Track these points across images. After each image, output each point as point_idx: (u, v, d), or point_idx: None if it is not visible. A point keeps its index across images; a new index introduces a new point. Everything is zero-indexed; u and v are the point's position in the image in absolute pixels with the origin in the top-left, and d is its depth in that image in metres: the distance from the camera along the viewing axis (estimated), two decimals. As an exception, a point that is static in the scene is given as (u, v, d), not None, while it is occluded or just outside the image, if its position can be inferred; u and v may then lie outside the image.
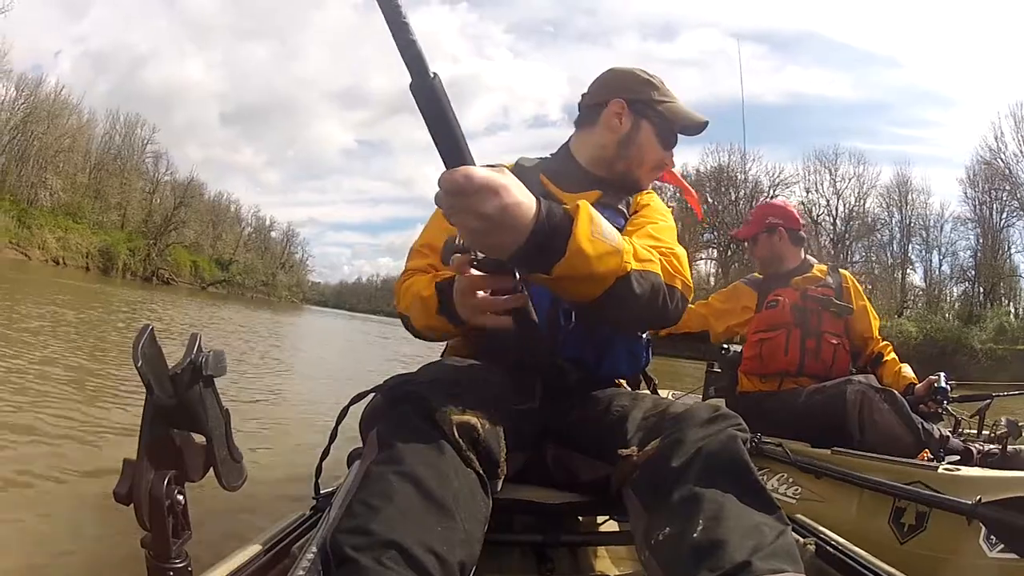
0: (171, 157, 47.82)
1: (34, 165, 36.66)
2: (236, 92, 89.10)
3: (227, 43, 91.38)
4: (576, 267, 0.80)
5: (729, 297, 2.72)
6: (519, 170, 1.25)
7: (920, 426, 2.06)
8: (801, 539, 0.94)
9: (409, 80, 0.62)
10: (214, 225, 52.16)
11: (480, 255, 0.81)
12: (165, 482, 0.63)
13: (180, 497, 0.65)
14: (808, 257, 2.68)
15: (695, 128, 1.28)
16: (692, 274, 1.09)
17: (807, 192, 36.20)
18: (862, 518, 1.83)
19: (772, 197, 35.65)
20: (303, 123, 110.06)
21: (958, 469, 1.77)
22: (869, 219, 34.90)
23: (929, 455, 1.97)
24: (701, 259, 36.73)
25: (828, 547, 0.95)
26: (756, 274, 2.77)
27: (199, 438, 0.67)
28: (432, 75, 0.62)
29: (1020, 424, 2.03)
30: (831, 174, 35.85)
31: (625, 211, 1.23)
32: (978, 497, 1.51)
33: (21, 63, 37.42)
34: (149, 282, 37.90)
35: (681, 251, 1.09)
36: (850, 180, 35.46)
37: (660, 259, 1.00)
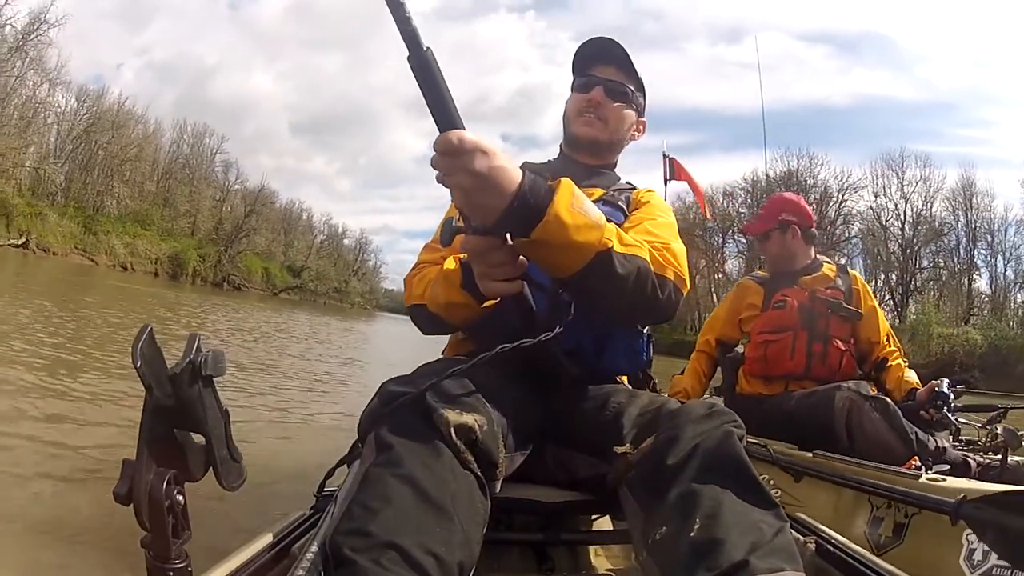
0: (241, 166, 49.65)
1: (100, 174, 38.22)
2: (307, 102, 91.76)
3: (297, 53, 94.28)
4: (553, 233, 0.83)
5: (734, 299, 2.67)
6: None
7: (915, 436, 1.97)
8: (802, 538, 0.92)
9: (407, 53, 0.69)
10: (286, 232, 53.46)
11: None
12: (165, 482, 0.62)
13: (180, 497, 0.65)
14: (818, 256, 2.59)
15: (583, 47, 1.30)
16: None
17: (875, 196, 35.17)
18: (838, 525, 1.75)
19: (841, 202, 34.58)
20: (375, 132, 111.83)
21: (943, 479, 1.69)
22: (936, 223, 33.52)
23: (917, 463, 1.88)
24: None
25: (829, 546, 0.92)
26: (760, 271, 2.71)
27: (199, 438, 0.67)
28: (425, 48, 0.70)
29: (1020, 434, 1.91)
30: (898, 177, 34.77)
31: (625, 208, 1.26)
32: (962, 495, 1.44)
33: (80, 74, 38.89)
34: (220, 287, 38.80)
35: (679, 247, 1.11)
36: (917, 183, 34.31)
37: (651, 250, 1.02)
